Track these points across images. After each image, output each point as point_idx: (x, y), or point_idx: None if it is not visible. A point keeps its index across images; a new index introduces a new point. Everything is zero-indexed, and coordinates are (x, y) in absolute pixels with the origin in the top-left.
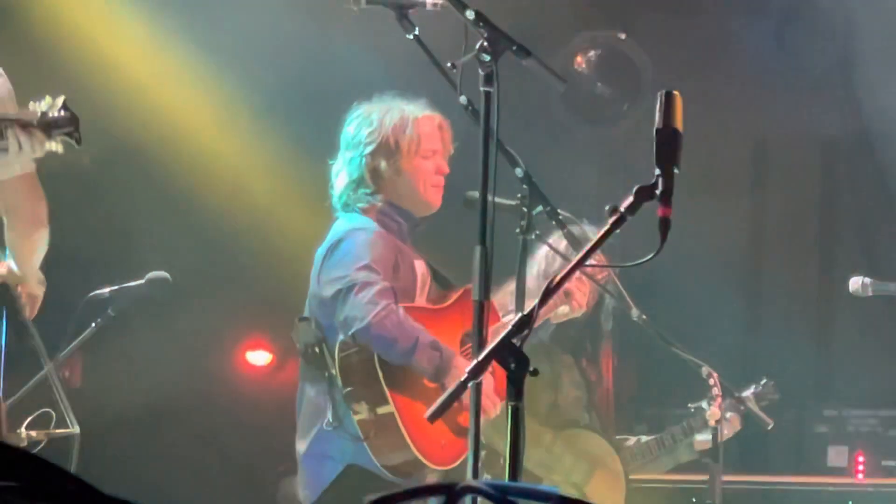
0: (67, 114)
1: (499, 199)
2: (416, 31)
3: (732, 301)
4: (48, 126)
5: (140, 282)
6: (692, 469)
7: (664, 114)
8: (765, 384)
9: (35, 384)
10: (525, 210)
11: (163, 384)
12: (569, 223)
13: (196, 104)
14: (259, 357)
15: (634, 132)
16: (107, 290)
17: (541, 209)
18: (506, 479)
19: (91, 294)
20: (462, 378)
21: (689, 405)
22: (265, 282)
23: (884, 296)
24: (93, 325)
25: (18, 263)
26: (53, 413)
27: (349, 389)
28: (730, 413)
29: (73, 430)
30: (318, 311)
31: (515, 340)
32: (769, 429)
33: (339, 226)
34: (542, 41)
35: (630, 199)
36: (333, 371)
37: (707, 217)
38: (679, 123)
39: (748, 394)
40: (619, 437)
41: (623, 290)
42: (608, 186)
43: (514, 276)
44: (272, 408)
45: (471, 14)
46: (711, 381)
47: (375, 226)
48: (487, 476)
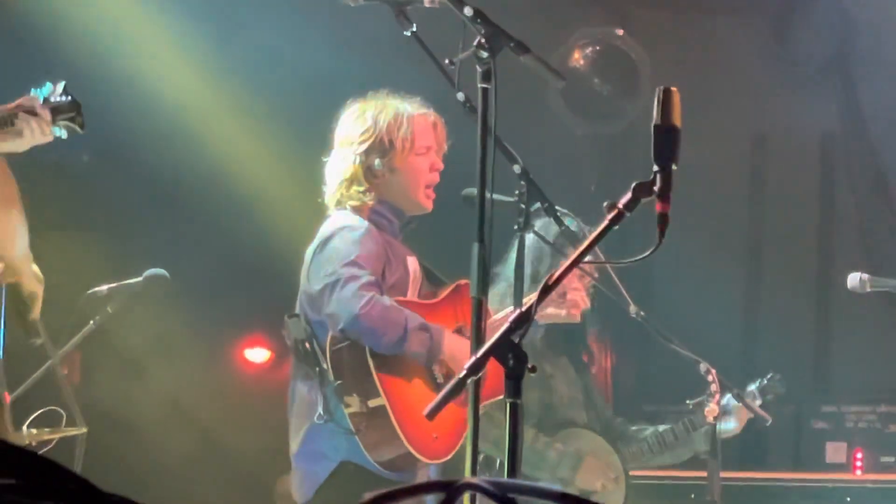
0: (69, 98)
1: (496, 196)
2: (414, 28)
3: (731, 297)
4: (52, 111)
5: (138, 279)
6: (691, 466)
7: (662, 110)
8: (770, 378)
9: (37, 380)
10: (523, 207)
11: (161, 381)
12: (566, 220)
13: (195, 103)
14: (257, 354)
15: (632, 129)
16: (105, 288)
17: (538, 206)
18: (505, 477)
19: (89, 291)
20: (461, 374)
21: (688, 402)
22: (264, 279)
23: (882, 292)
24: (91, 323)
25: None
26: (62, 412)
27: (340, 383)
28: (733, 404)
29: (81, 430)
30: (308, 308)
31: (514, 337)
32: (768, 425)
33: (329, 223)
34: (540, 38)
35: (628, 196)
36: (325, 365)
37: (705, 213)
38: (677, 120)
39: (753, 388)
40: (636, 428)
41: (621, 287)
42: (606, 183)
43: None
44: (271, 405)
45: (469, 11)
46: (710, 378)
47: (366, 223)
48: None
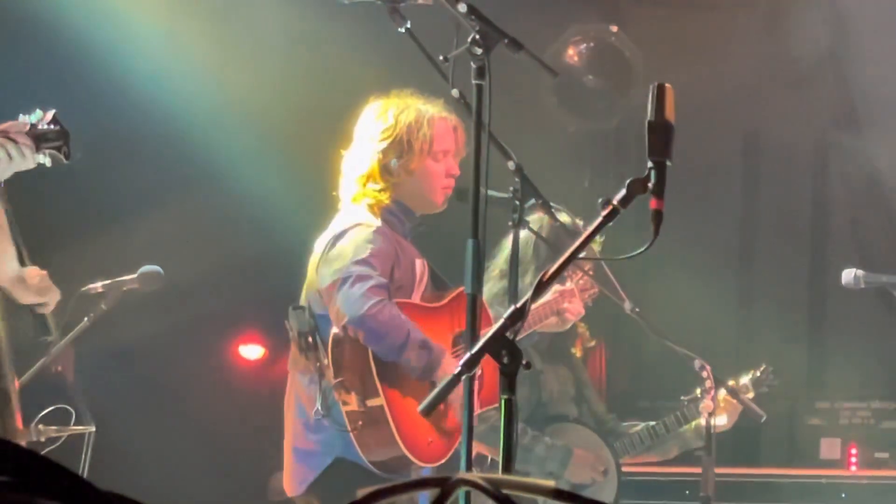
0: (57, 127)
1: (491, 192)
2: (408, 25)
3: (725, 294)
4: (38, 139)
5: (133, 276)
6: (685, 462)
7: (656, 106)
8: (763, 370)
9: (35, 372)
10: (517, 203)
11: (155, 378)
12: (561, 216)
13: (190, 96)
14: (252, 351)
15: (626, 125)
16: (99, 285)
17: (533, 202)
18: (499, 473)
19: (84, 288)
20: (455, 371)
21: (682, 397)
22: (258, 275)
23: (876, 288)
24: (85, 320)
25: None
26: (71, 410)
27: (340, 380)
28: (725, 396)
29: (89, 428)
30: (314, 301)
31: (508, 333)
32: (762, 421)
33: (343, 218)
34: (534, 34)
35: (622, 192)
36: (325, 360)
37: (699, 210)
38: (671, 116)
39: (746, 381)
40: (627, 424)
41: (616, 283)
42: (600, 179)
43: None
44: (264, 401)
45: (462, 7)
46: (704, 374)
47: (378, 222)
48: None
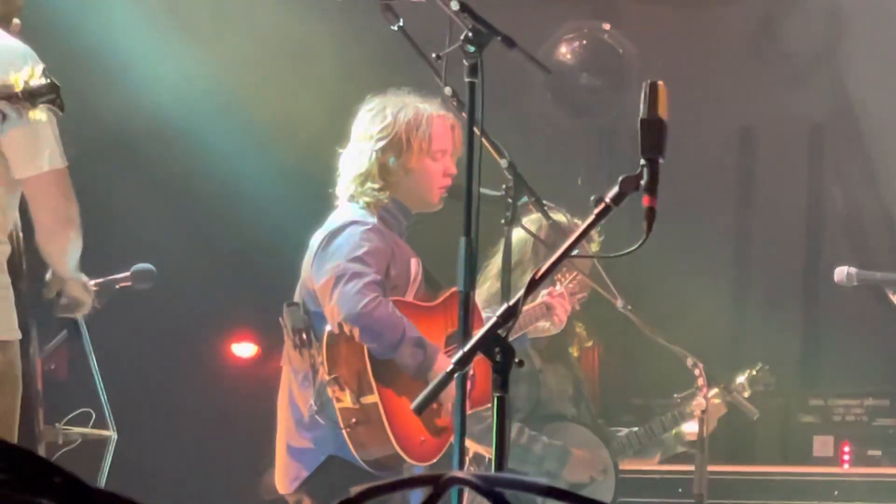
0: (48, 81)
1: (484, 190)
2: (401, 23)
3: (718, 291)
4: (31, 95)
5: (125, 274)
6: (678, 460)
7: (649, 104)
8: (759, 369)
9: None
10: (510, 201)
11: (147, 376)
12: (554, 213)
13: (183, 94)
14: (245, 349)
15: (619, 122)
16: (91, 283)
17: (526, 200)
18: (492, 471)
19: None
20: (448, 368)
21: (675, 395)
22: (251, 274)
23: (869, 285)
24: (78, 318)
25: (50, 263)
26: (93, 413)
27: (335, 376)
28: (716, 400)
29: (110, 433)
30: (308, 298)
31: (501, 331)
32: (755, 419)
33: (339, 216)
34: (527, 32)
35: (615, 190)
36: (320, 357)
37: (693, 207)
38: (664, 114)
39: (742, 380)
40: (614, 429)
41: (608, 281)
42: (593, 176)
43: (483, 280)
44: (257, 399)
45: (455, 4)
46: (697, 372)
47: (374, 220)
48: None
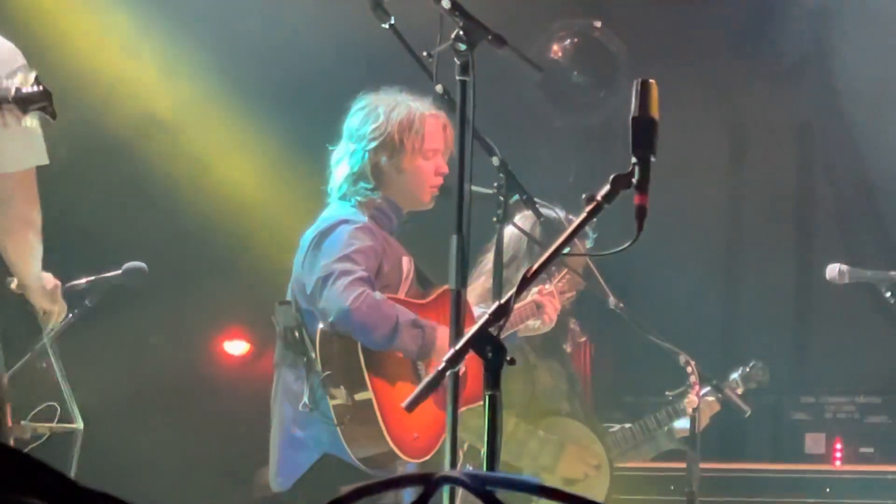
0: (40, 88)
1: (475, 188)
2: (392, 21)
3: (710, 289)
4: (23, 102)
5: (117, 272)
6: (670, 457)
7: (640, 102)
8: (753, 366)
9: (23, 365)
10: (501, 199)
11: (139, 374)
12: (545, 211)
13: (174, 95)
14: (236, 347)
15: (611, 120)
16: (84, 281)
17: (517, 198)
18: (483, 469)
19: (68, 285)
20: (439, 367)
21: (667, 393)
22: (243, 272)
23: (861, 283)
24: (69, 316)
25: (10, 265)
26: (58, 407)
27: (328, 373)
28: (709, 397)
29: (77, 426)
30: (300, 296)
31: (492, 329)
32: (747, 416)
33: (330, 214)
34: (518, 30)
35: (606, 188)
36: (313, 354)
37: (684, 205)
38: (655, 112)
39: (736, 376)
40: (607, 425)
41: (600, 279)
42: (585, 175)
43: (477, 275)
44: (249, 397)
45: (446, 3)
46: (689, 369)
47: (365, 218)
48: (469, 467)
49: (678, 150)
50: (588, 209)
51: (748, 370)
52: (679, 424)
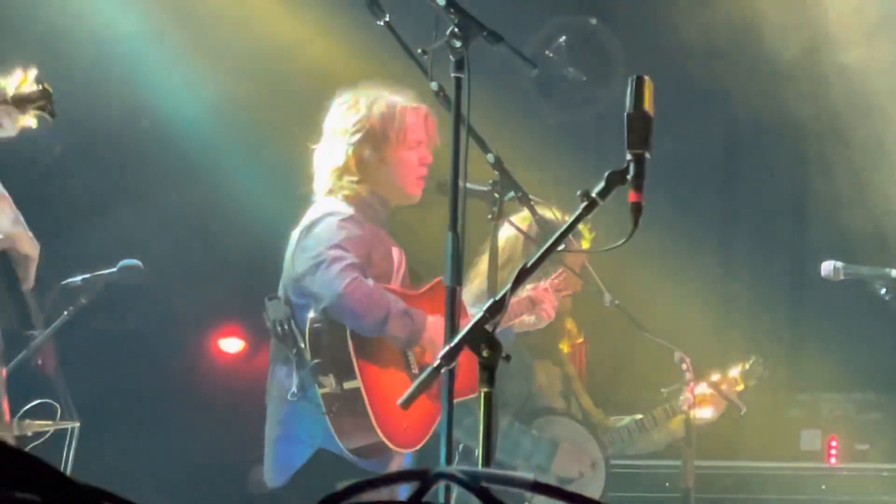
0: (40, 87)
1: (470, 185)
2: (387, 18)
3: (705, 286)
4: (21, 101)
5: (112, 269)
6: (666, 454)
7: (635, 99)
8: (753, 362)
9: (19, 363)
10: (497, 196)
11: (135, 371)
12: (540, 208)
13: (168, 90)
14: (231, 344)
15: (605, 117)
16: (79, 278)
17: (512, 195)
18: (479, 466)
19: (64, 282)
20: (434, 365)
21: (662, 390)
22: (237, 269)
23: (856, 279)
24: (65, 313)
25: None
26: (56, 405)
27: (317, 361)
28: (710, 392)
29: (74, 423)
30: (290, 290)
31: (488, 326)
32: (742, 413)
33: (316, 209)
34: (513, 27)
35: (602, 184)
36: (302, 344)
37: (679, 201)
38: (650, 108)
39: (735, 373)
40: (615, 418)
41: (595, 276)
42: (580, 171)
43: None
44: (244, 395)
45: (441, 0)
46: (684, 366)
47: (352, 210)
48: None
49: (673, 148)
50: (583, 206)
51: (747, 366)
52: (701, 413)
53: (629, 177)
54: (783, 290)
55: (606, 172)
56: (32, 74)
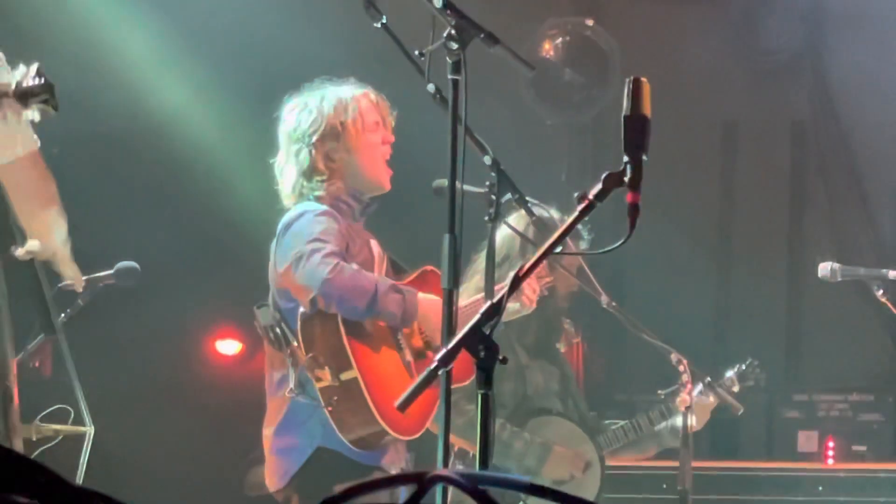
0: (42, 81)
1: (467, 187)
2: (384, 20)
3: (702, 287)
4: (24, 95)
5: (109, 272)
6: (662, 455)
7: (632, 100)
8: (749, 364)
9: (20, 362)
10: (494, 198)
11: (131, 373)
12: (538, 210)
13: (165, 93)
14: (228, 346)
15: (603, 118)
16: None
17: (510, 197)
18: (476, 468)
19: (60, 284)
20: (431, 366)
21: (659, 392)
22: (234, 271)
23: (853, 281)
24: (62, 316)
25: (42, 242)
26: (71, 410)
27: (312, 355)
28: (707, 396)
29: (88, 429)
30: (278, 296)
31: (485, 328)
32: (739, 414)
33: (290, 212)
34: (510, 29)
35: (599, 186)
36: (295, 343)
37: (676, 203)
38: (647, 110)
39: (731, 375)
40: (608, 422)
41: (592, 278)
42: (577, 173)
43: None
44: (241, 397)
45: (438, 1)
46: (681, 368)
47: (325, 207)
48: (460, 466)
49: (670, 148)
50: (580, 208)
51: (744, 368)
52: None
53: (626, 178)
54: (781, 291)
55: (604, 174)
56: (34, 68)
